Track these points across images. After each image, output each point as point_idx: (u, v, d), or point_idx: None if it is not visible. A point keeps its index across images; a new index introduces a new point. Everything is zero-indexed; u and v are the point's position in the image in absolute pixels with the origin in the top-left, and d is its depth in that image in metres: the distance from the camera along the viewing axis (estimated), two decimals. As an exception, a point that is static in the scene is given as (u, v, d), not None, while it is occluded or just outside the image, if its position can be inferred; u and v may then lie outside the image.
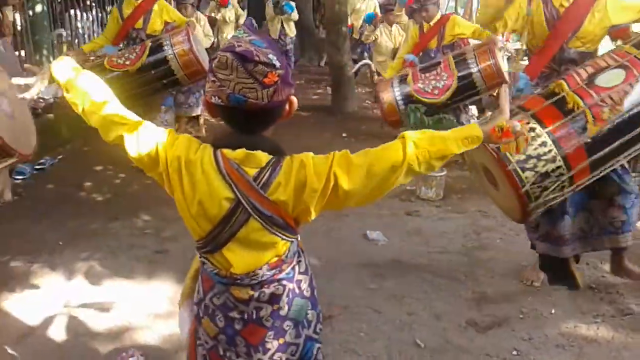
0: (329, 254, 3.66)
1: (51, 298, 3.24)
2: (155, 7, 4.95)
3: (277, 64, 1.40)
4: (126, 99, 5.32)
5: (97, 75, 1.70)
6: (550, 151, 2.62)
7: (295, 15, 8.90)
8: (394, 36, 7.47)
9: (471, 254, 3.69)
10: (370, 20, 7.80)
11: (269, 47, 1.42)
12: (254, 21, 1.56)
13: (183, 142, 1.51)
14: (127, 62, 4.40)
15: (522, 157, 2.57)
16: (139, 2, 4.93)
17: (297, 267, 1.60)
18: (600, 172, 2.73)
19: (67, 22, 7.48)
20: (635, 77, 2.65)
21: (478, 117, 7.10)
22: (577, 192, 2.83)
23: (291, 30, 8.90)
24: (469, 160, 3.21)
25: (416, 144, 1.50)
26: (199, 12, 6.94)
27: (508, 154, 2.38)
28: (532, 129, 2.58)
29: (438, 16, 5.32)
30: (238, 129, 1.49)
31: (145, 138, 1.53)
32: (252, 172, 1.45)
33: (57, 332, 2.94)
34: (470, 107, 7.08)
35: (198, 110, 5.88)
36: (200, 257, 1.60)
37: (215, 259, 1.54)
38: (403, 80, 4.82)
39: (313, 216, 1.51)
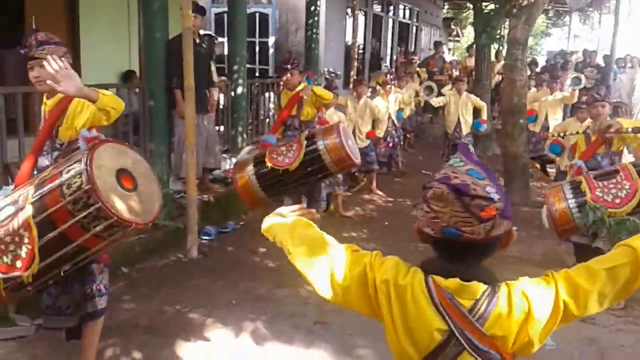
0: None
1: (220, 352, 3.51)
2: (305, 97, 5.31)
3: (496, 197, 1.35)
4: (288, 190, 5.59)
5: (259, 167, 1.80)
6: None
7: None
8: None
9: (653, 374, 3.30)
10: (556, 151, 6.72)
11: (486, 178, 1.38)
12: (471, 146, 1.51)
13: (391, 264, 1.47)
14: (287, 160, 4.77)
15: None
16: (293, 93, 5.39)
17: None
18: None
19: (261, 103, 8.34)
20: None
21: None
22: None
23: (467, 126, 8.77)
24: None
25: None
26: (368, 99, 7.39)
27: None
28: None
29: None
30: (451, 258, 1.42)
31: (354, 261, 1.51)
32: (467, 303, 1.38)
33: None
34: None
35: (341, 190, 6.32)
36: None
37: None
38: (576, 187, 4.53)
39: (536, 348, 1.41)
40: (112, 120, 2.71)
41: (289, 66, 5.41)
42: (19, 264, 2.43)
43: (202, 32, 6.21)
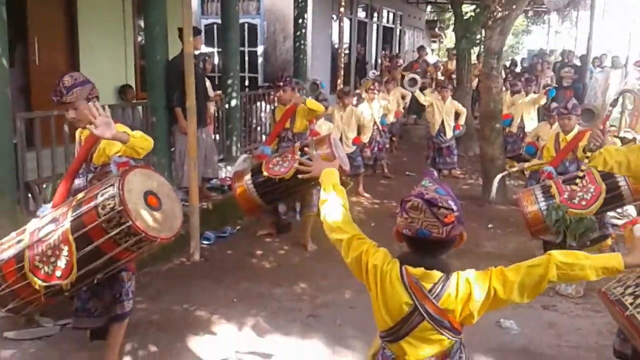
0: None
1: (225, 344, 3.98)
2: (299, 109, 5.79)
3: (454, 208, 1.87)
4: (282, 197, 5.88)
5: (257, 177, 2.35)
6: None
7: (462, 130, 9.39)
8: None
9: (602, 351, 3.79)
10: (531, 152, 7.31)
11: (448, 195, 1.90)
12: (435, 173, 2.05)
13: (381, 254, 2.01)
14: (282, 170, 5.22)
15: None
16: (286, 108, 5.86)
17: None
18: None
19: (253, 112, 8.79)
20: None
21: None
22: None
23: (450, 130, 9.22)
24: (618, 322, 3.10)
25: (559, 267, 1.89)
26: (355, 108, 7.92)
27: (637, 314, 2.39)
28: None
29: (575, 130, 5.51)
30: (420, 253, 1.95)
31: (356, 246, 2.06)
32: (428, 285, 1.91)
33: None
34: (627, 207, 6.98)
35: None
36: (382, 343, 2.07)
37: (394, 347, 2.01)
38: (546, 191, 4.94)
39: (476, 319, 1.96)
40: (142, 155, 3.14)
41: (281, 83, 5.87)
42: (58, 273, 2.85)
43: (196, 52, 6.62)
